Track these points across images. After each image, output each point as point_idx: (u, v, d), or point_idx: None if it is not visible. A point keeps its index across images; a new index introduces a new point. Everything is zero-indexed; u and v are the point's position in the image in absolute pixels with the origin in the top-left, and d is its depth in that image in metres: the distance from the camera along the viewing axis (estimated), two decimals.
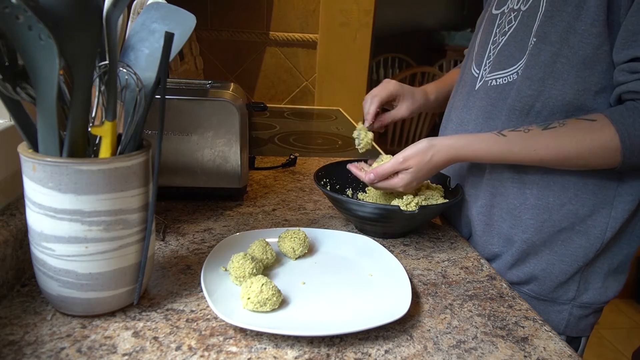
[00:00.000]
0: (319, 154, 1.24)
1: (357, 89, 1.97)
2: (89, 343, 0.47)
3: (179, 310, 0.54)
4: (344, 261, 0.67)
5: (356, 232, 0.77)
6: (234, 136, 0.79)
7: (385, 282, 0.61)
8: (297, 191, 0.95)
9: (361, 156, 0.87)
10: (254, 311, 0.53)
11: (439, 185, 0.82)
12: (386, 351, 0.50)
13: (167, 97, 0.71)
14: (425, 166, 0.69)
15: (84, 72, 0.45)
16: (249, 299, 0.52)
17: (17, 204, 0.60)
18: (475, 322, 0.56)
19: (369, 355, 0.49)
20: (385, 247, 0.70)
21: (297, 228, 0.68)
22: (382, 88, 0.90)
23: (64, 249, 0.47)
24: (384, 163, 0.71)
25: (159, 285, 0.59)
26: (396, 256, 0.68)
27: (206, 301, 0.54)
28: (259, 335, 0.50)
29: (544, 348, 0.53)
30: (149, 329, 0.50)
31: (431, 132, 3.10)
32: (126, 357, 0.46)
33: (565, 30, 0.65)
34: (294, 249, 0.65)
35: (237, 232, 0.72)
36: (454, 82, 0.91)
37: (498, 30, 0.76)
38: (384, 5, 3.09)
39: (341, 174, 0.88)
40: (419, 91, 0.94)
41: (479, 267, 0.70)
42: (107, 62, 0.47)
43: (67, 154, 0.46)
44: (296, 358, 0.48)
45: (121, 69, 0.50)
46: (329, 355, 0.48)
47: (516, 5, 0.73)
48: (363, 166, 0.80)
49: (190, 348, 0.48)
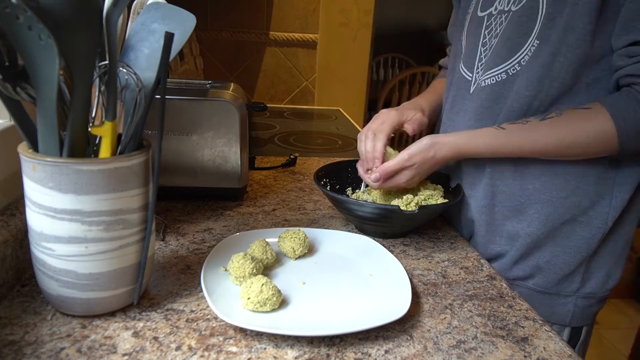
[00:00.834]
0: (319, 154, 1.24)
1: (357, 89, 1.97)
2: (89, 343, 0.47)
3: (179, 310, 0.54)
4: (344, 261, 0.67)
5: (356, 232, 0.77)
6: (234, 136, 0.79)
7: (385, 282, 0.61)
8: (297, 191, 0.95)
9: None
10: (254, 311, 0.53)
11: (439, 185, 0.82)
12: (386, 351, 0.50)
13: (167, 97, 0.70)
14: (429, 162, 0.72)
15: (84, 72, 0.45)
16: (249, 299, 0.52)
17: (17, 204, 0.60)
18: (475, 322, 0.56)
19: (369, 355, 0.49)
20: (385, 247, 0.70)
21: (297, 228, 0.68)
22: (381, 122, 0.80)
23: (64, 249, 0.47)
24: (388, 161, 0.73)
25: (159, 285, 0.59)
26: (396, 256, 0.68)
27: (206, 301, 0.54)
28: (259, 335, 0.50)
29: (544, 348, 0.53)
30: (149, 329, 0.50)
31: (432, 131, 3.09)
32: (126, 357, 0.46)
33: (564, 30, 0.65)
34: (294, 249, 0.65)
35: (237, 232, 0.72)
36: (443, 90, 0.90)
37: (487, 32, 0.76)
38: (384, 5, 3.08)
39: (341, 174, 0.88)
40: (415, 109, 0.87)
41: (479, 267, 0.70)
42: (107, 62, 0.47)
43: (67, 154, 0.46)
44: (296, 358, 0.48)
45: (121, 69, 0.50)
46: (329, 355, 0.48)
47: (506, 6, 0.73)
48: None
49: (190, 348, 0.48)
